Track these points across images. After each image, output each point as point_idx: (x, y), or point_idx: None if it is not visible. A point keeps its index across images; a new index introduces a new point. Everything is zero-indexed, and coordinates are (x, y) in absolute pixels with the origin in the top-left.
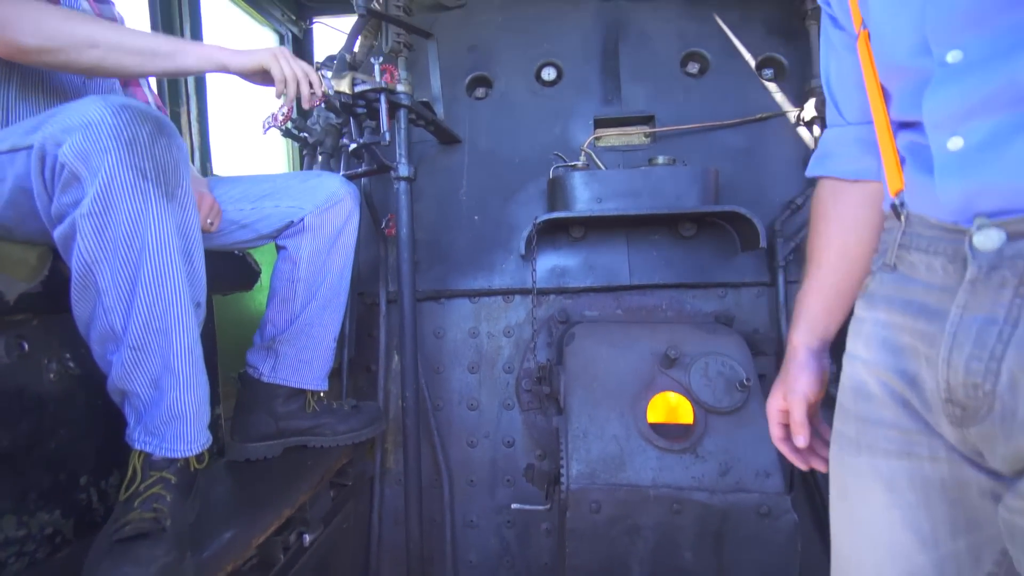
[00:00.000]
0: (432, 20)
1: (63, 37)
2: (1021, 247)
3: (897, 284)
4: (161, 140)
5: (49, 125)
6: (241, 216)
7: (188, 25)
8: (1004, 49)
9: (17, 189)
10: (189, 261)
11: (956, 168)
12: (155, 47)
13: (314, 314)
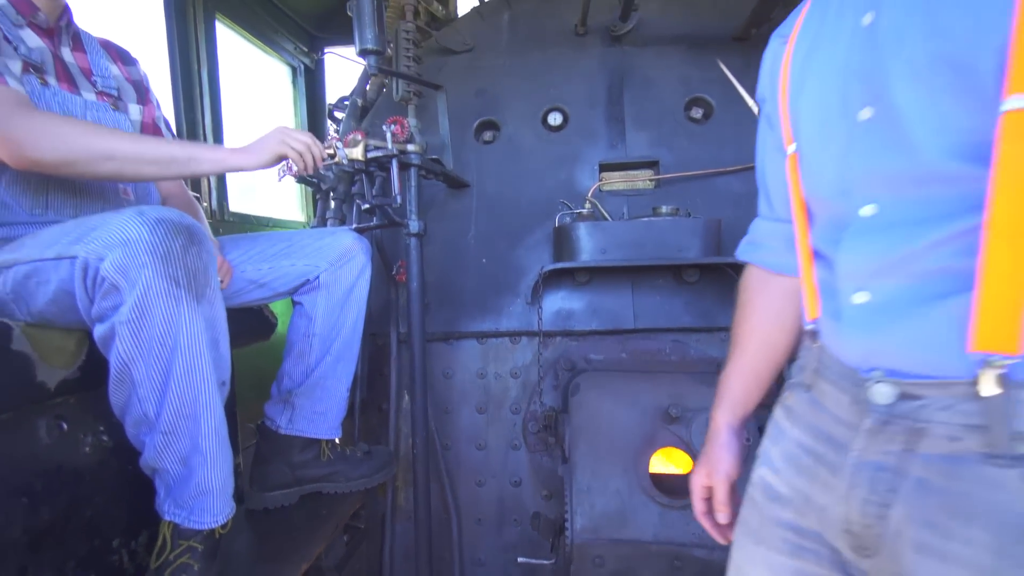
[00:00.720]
0: (441, 64)
1: (81, 152)
2: (911, 407)
3: (811, 407)
4: (192, 249)
5: (92, 240)
6: (259, 275)
7: (205, 63)
8: (913, 219)
9: (61, 291)
10: (215, 347)
11: (859, 322)
12: (171, 155)
13: (328, 367)
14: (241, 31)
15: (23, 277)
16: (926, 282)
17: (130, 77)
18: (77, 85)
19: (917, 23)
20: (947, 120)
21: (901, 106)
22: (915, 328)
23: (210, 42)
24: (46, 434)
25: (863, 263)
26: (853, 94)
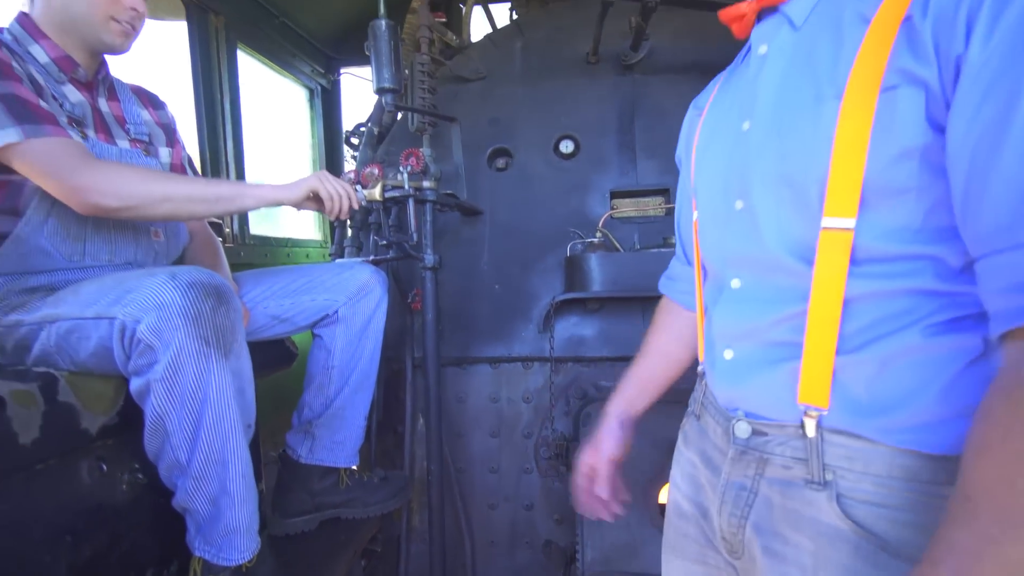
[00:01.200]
0: (455, 92)
1: (141, 196)
2: (760, 441)
3: (700, 434)
4: (220, 309)
5: (129, 302)
6: (282, 311)
7: (227, 93)
8: (764, 297)
9: (100, 347)
10: (242, 396)
11: (726, 373)
12: (219, 194)
13: (347, 398)
14: (261, 58)
15: (66, 332)
16: (771, 348)
17: (159, 121)
18: (113, 135)
19: (772, 144)
20: (786, 225)
21: (757, 207)
22: (763, 383)
23: (232, 73)
24: (88, 475)
25: (730, 326)
26: (732, 186)
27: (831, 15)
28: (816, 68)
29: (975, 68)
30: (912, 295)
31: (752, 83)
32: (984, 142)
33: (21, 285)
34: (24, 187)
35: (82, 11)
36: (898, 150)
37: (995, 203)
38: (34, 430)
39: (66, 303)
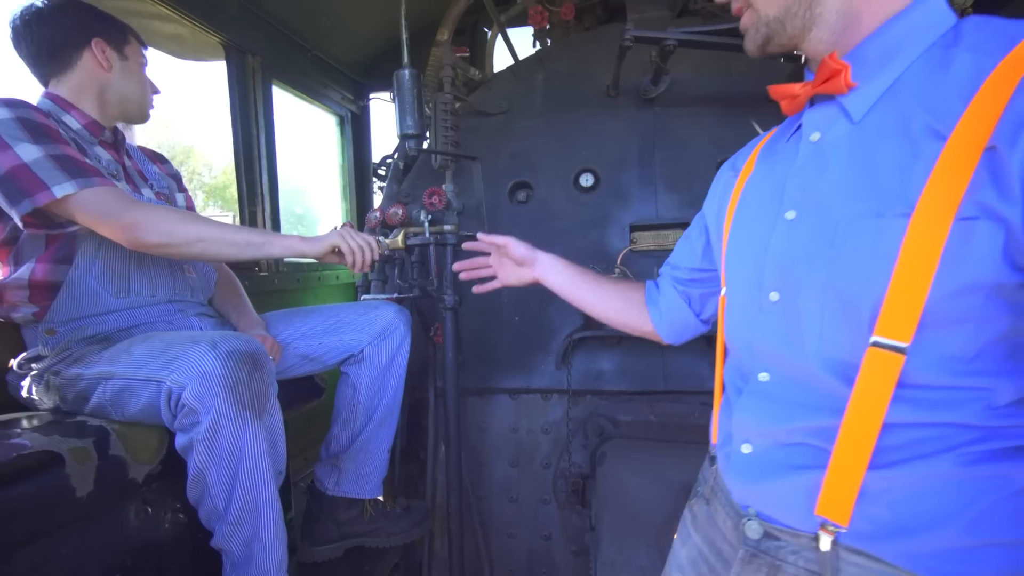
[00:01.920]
0: (476, 125)
1: (179, 236)
2: (772, 545)
3: (709, 520)
4: (256, 375)
5: (175, 369)
6: (310, 351)
7: (263, 128)
8: (793, 400)
9: (149, 405)
10: (274, 448)
11: (742, 468)
12: (249, 239)
13: (371, 432)
14: (295, 92)
15: (119, 389)
16: (794, 452)
17: (168, 172)
18: (139, 187)
19: (823, 249)
20: (829, 338)
21: (800, 308)
22: (781, 486)
23: (267, 109)
24: (135, 517)
25: (752, 421)
26: (768, 275)
27: (897, 118)
28: (879, 177)
29: None
30: (953, 426)
31: (802, 171)
32: None
33: (79, 334)
34: (74, 237)
35: (137, 92)
36: (966, 283)
37: None
38: (89, 483)
39: (120, 362)
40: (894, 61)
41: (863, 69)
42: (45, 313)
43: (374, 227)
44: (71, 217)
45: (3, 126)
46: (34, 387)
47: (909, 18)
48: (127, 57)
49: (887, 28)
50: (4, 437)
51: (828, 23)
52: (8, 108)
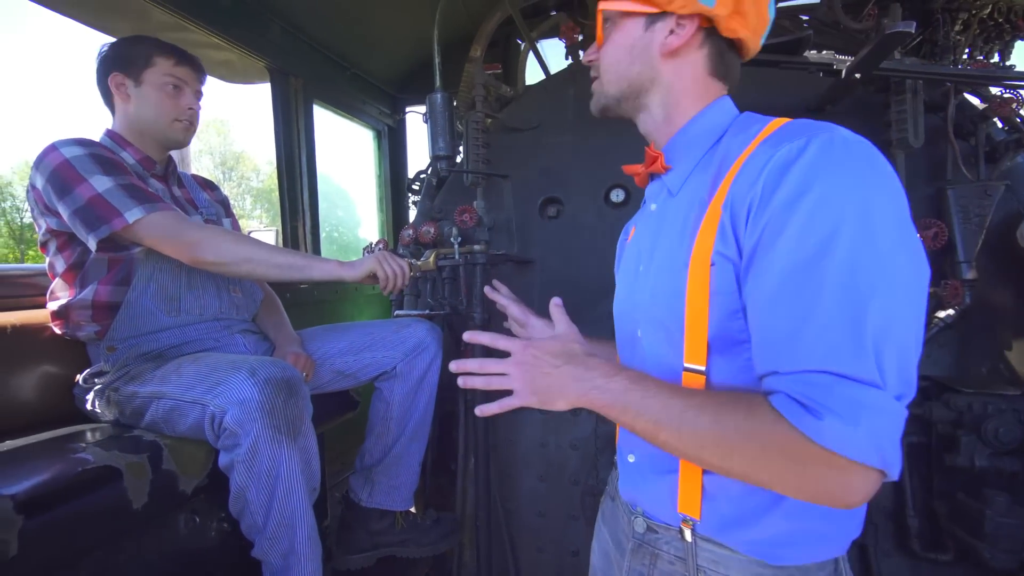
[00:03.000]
0: (508, 141)
1: (231, 255)
2: (652, 538)
3: (613, 516)
4: (291, 401)
5: (218, 394)
6: (345, 367)
7: (304, 146)
8: None
9: (196, 424)
10: (308, 467)
11: (628, 475)
12: (292, 263)
13: (403, 446)
14: (334, 110)
15: (169, 409)
16: (659, 460)
17: (216, 199)
18: (189, 215)
19: (650, 292)
20: (663, 359)
21: (644, 339)
22: (654, 489)
23: (308, 127)
24: (184, 526)
25: (631, 434)
26: (632, 316)
27: (692, 192)
28: (678, 235)
29: (750, 247)
30: None
31: (647, 232)
32: (756, 302)
33: (136, 351)
34: (132, 261)
35: (151, 117)
36: (726, 311)
37: (764, 345)
38: (144, 496)
39: (170, 383)
40: (694, 149)
41: (676, 154)
42: (106, 331)
43: (407, 244)
44: (138, 240)
45: (78, 161)
46: (97, 401)
47: (703, 120)
48: (142, 82)
49: (690, 125)
50: (71, 451)
51: (652, 114)
52: (80, 146)
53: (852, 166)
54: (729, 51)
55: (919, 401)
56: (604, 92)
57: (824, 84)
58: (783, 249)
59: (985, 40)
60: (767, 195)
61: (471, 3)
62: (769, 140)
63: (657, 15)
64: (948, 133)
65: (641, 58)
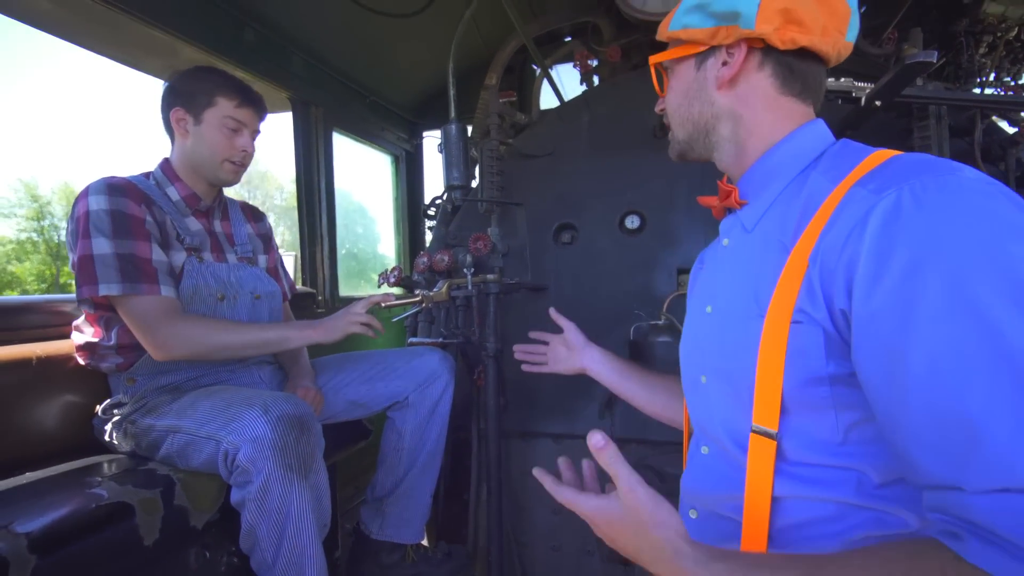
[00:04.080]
0: (522, 168)
1: (203, 348)
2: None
3: None
4: (303, 438)
5: (232, 431)
6: (359, 396)
7: (323, 174)
8: (719, 472)
9: (209, 459)
10: (319, 504)
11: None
12: (268, 339)
13: (415, 478)
14: (353, 137)
15: (184, 444)
16: (722, 522)
17: (259, 232)
18: (224, 251)
19: (717, 339)
20: (728, 414)
21: (713, 390)
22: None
23: (328, 155)
24: (195, 560)
25: (696, 489)
26: (698, 359)
27: (769, 231)
28: (752, 278)
29: (864, 319)
30: (837, 504)
31: (718, 269)
32: (895, 392)
33: (155, 384)
34: None
35: (205, 156)
36: (808, 375)
37: (915, 452)
38: (155, 532)
39: (186, 417)
40: (773, 182)
41: (751, 188)
42: (130, 366)
43: (422, 271)
44: (116, 309)
45: (95, 216)
46: (115, 433)
47: (784, 148)
48: (202, 121)
49: (768, 156)
50: (86, 485)
51: (723, 150)
52: (108, 196)
53: (989, 214)
54: (801, 62)
55: None
56: (676, 138)
57: (844, 109)
58: (924, 333)
59: (1012, 62)
60: (879, 258)
61: (487, 32)
62: (868, 181)
63: (706, 52)
64: (976, 159)
65: (699, 97)
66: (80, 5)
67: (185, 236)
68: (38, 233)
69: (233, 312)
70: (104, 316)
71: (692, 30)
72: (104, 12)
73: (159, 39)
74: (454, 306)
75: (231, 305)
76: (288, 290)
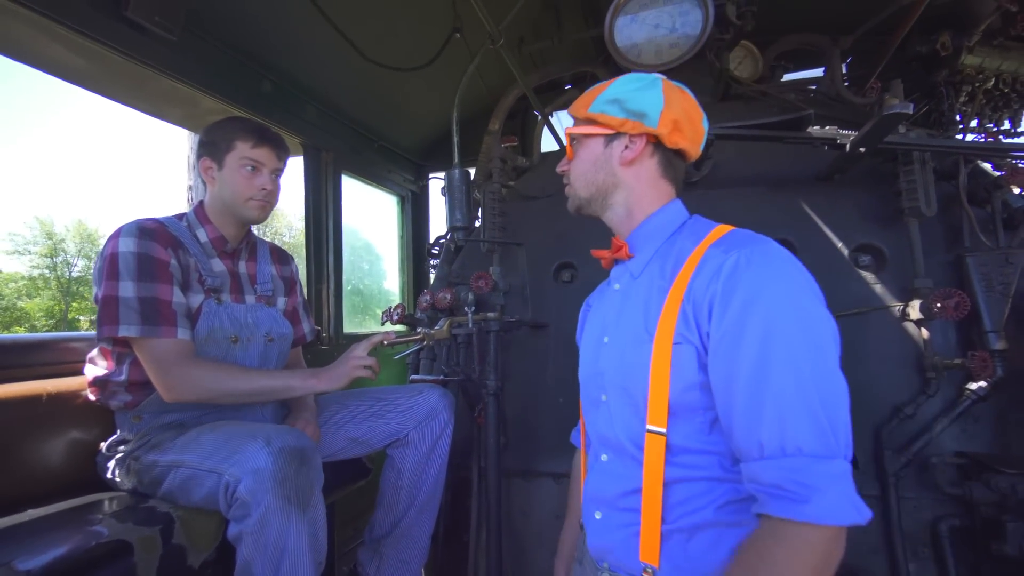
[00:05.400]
0: (523, 209)
1: (211, 394)
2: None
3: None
4: (303, 471)
5: (234, 463)
6: (359, 434)
7: (332, 215)
8: (619, 473)
9: (210, 494)
10: (315, 539)
11: (595, 532)
12: (272, 387)
13: (413, 518)
14: (361, 179)
15: (187, 478)
16: (623, 514)
17: (282, 275)
18: (243, 292)
19: (617, 360)
20: (628, 421)
21: (611, 403)
22: (618, 542)
23: (336, 197)
24: None
25: (598, 492)
26: (598, 382)
27: (652, 277)
28: (641, 314)
29: (715, 341)
30: (707, 480)
31: (610, 308)
32: (726, 394)
33: (160, 422)
34: None
35: (229, 196)
36: (686, 383)
37: (742, 430)
38: (152, 571)
39: (190, 451)
40: (653, 240)
41: (637, 244)
42: (137, 404)
43: (425, 309)
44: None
45: (123, 259)
46: (117, 470)
47: (659, 217)
48: (224, 166)
49: (647, 222)
50: (87, 523)
51: (615, 211)
52: (137, 240)
53: (786, 273)
54: (676, 157)
55: (957, 480)
56: (577, 195)
57: (830, 155)
58: (747, 350)
59: (993, 109)
60: (726, 297)
61: (489, 81)
62: (719, 245)
63: (614, 135)
64: (963, 202)
65: (604, 168)
66: (111, 61)
67: (207, 277)
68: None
69: (245, 355)
70: (118, 352)
71: (608, 117)
72: (133, 68)
73: (181, 91)
74: (455, 343)
75: (243, 348)
76: (309, 333)
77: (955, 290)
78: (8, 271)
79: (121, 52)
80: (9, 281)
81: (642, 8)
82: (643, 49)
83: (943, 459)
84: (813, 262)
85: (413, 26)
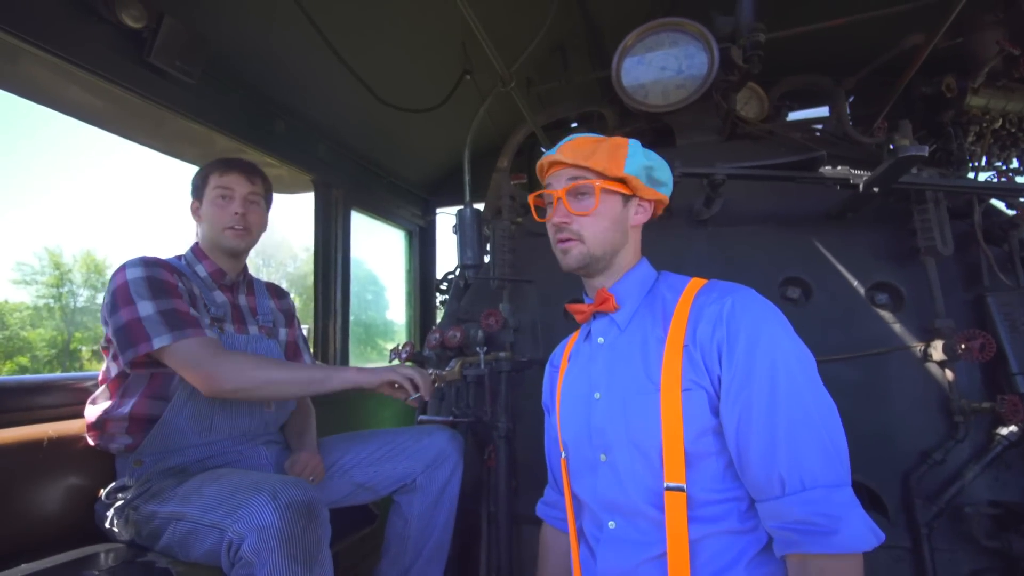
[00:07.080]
0: (533, 245)
1: (251, 382)
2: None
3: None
4: (310, 527)
5: (238, 519)
6: (366, 479)
7: (340, 250)
8: (634, 540)
9: (211, 550)
10: None
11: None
12: (311, 378)
13: (420, 569)
14: (371, 215)
15: (187, 532)
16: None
17: (281, 308)
18: (245, 323)
19: (620, 415)
20: (640, 479)
21: (618, 462)
22: None
23: (345, 233)
24: None
25: (612, 563)
26: (595, 442)
27: (642, 328)
28: (639, 363)
29: (727, 383)
30: (730, 535)
31: (596, 362)
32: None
33: (162, 466)
34: (172, 379)
35: (209, 229)
36: (699, 429)
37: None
38: None
39: (191, 503)
40: (635, 293)
41: (620, 297)
42: (138, 445)
43: (434, 347)
44: (165, 362)
45: (135, 284)
46: (116, 519)
47: (638, 271)
48: (204, 200)
49: (629, 276)
50: None
51: (613, 268)
52: (143, 267)
53: (772, 313)
54: None
55: (994, 532)
56: (588, 252)
57: (843, 194)
58: (758, 387)
59: (1001, 148)
60: (732, 340)
61: (498, 119)
62: (707, 294)
63: (630, 196)
64: (979, 241)
65: (621, 227)
66: (129, 103)
67: (211, 307)
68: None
69: None
70: (124, 386)
71: (639, 181)
72: (151, 109)
73: (197, 131)
74: (464, 383)
75: None
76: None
77: (979, 331)
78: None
79: (140, 95)
80: (14, 311)
81: (648, 50)
82: (650, 90)
83: (977, 509)
84: (830, 301)
85: (424, 68)
